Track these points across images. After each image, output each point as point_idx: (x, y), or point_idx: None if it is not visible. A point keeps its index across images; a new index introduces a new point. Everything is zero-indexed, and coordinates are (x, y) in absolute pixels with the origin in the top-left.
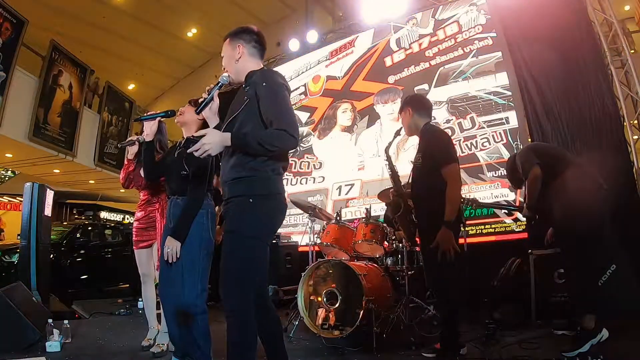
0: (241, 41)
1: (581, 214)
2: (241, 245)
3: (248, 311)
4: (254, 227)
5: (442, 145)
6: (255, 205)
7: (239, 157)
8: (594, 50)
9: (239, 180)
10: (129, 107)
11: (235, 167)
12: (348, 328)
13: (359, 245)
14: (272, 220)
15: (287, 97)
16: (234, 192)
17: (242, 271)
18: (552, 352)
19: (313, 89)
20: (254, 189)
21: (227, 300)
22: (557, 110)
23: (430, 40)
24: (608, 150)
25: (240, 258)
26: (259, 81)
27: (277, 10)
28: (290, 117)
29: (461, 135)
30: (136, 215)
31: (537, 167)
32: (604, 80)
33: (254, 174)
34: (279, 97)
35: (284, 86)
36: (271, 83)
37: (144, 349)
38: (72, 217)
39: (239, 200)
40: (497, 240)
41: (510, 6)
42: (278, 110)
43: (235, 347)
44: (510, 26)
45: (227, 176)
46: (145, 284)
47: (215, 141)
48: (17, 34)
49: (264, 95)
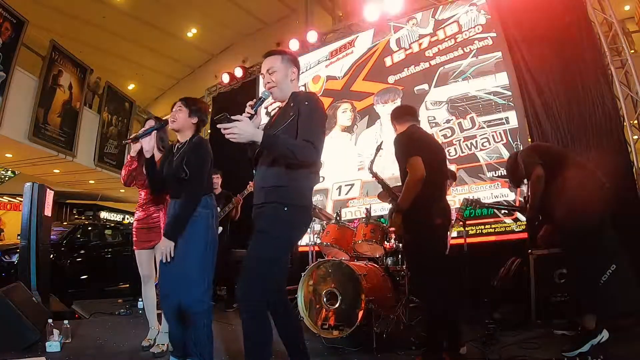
0: (294, 67)
1: (582, 214)
2: (269, 246)
3: (264, 309)
4: (284, 232)
5: (401, 148)
6: (289, 213)
7: (280, 167)
8: (594, 50)
9: (278, 188)
10: (129, 107)
11: (276, 175)
12: (348, 328)
13: (359, 245)
14: (300, 229)
15: (323, 119)
16: (270, 198)
17: (265, 271)
18: (552, 352)
19: (313, 89)
20: (291, 198)
21: (245, 297)
22: (557, 110)
23: (430, 40)
24: (608, 150)
25: (265, 258)
26: (303, 100)
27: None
28: (318, 134)
29: (461, 135)
30: (136, 215)
31: (540, 167)
32: (604, 80)
33: (293, 184)
34: (315, 115)
35: (323, 110)
36: (313, 103)
37: (144, 349)
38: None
39: (274, 206)
40: (497, 240)
41: (510, 6)
42: (310, 125)
43: (253, 344)
44: (510, 26)
45: (265, 182)
46: (146, 284)
47: (247, 131)
48: (17, 34)
49: (303, 112)
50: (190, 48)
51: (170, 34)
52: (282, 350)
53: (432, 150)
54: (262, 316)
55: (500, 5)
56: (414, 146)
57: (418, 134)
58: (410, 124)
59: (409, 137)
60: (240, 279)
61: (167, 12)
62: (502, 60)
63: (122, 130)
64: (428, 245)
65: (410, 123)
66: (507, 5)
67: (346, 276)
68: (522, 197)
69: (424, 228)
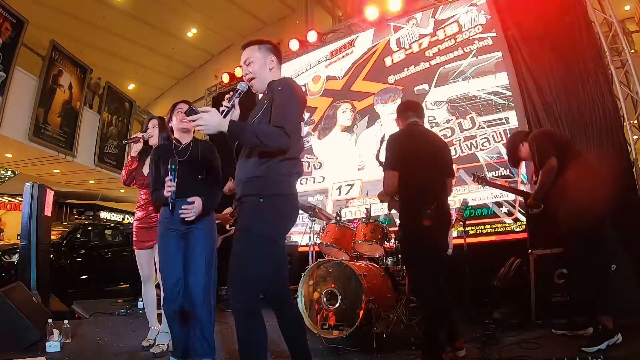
0: (273, 55)
1: (583, 214)
2: (250, 243)
3: (255, 309)
4: (263, 227)
5: (386, 154)
6: (266, 205)
7: (255, 157)
8: (594, 50)
9: (253, 179)
10: (129, 107)
11: (250, 166)
12: (348, 328)
13: (359, 245)
14: (282, 220)
15: (297, 103)
16: (246, 191)
17: (249, 269)
18: (552, 352)
19: (313, 89)
20: (266, 189)
21: (234, 298)
22: (557, 110)
23: (430, 40)
24: (608, 150)
25: (248, 256)
26: (277, 86)
27: (277, 10)
28: (291, 118)
29: (461, 135)
30: (136, 215)
31: (554, 159)
32: (604, 80)
33: (267, 174)
34: (290, 101)
35: (298, 94)
36: (286, 88)
37: (144, 349)
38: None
39: (250, 199)
40: (497, 240)
41: (510, 6)
42: (283, 110)
43: (246, 344)
44: (510, 26)
45: (241, 175)
46: (146, 284)
47: (212, 121)
48: (17, 34)
49: (276, 97)
50: (190, 48)
51: (170, 34)
52: (283, 350)
53: (427, 152)
54: (253, 316)
55: (500, 5)
56: (397, 157)
57: (411, 134)
58: (412, 121)
59: (398, 142)
60: (228, 280)
61: (167, 12)
62: (502, 60)
63: (122, 130)
64: (414, 245)
65: (412, 119)
66: (507, 5)
67: (346, 276)
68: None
69: (410, 229)
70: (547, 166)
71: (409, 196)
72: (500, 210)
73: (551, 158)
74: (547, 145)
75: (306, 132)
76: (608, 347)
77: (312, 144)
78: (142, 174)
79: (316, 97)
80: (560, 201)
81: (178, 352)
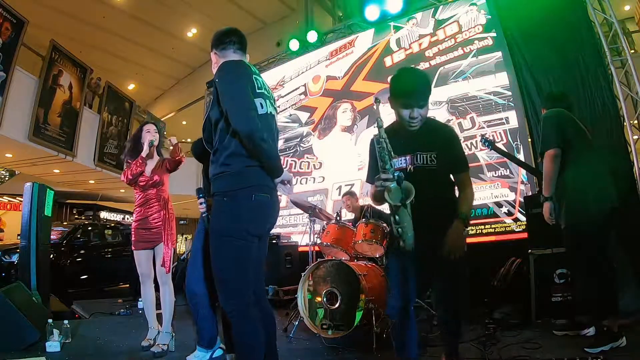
0: (213, 49)
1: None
2: (220, 245)
3: (246, 310)
4: (229, 226)
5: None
6: (232, 202)
7: (215, 154)
8: (594, 50)
9: (216, 177)
10: (129, 107)
11: (213, 164)
12: (348, 328)
13: (359, 245)
14: (250, 214)
15: (236, 84)
16: (213, 190)
17: (226, 271)
18: (552, 352)
19: (313, 89)
20: (227, 185)
21: (223, 303)
22: None
23: (430, 40)
24: (608, 150)
25: (222, 258)
26: (215, 78)
27: (277, 10)
28: (239, 102)
29: (461, 135)
30: (135, 215)
31: (553, 151)
32: (604, 80)
33: (226, 169)
34: (227, 87)
35: (233, 74)
36: (220, 77)
37: (144, 349)
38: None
39: (215, 199)
40: (497, 240)
41: (510, 6)
42: (229, 99)
43: (242, 346)
44: (510, 26)
45: (210, 174)
46: (145, 284)
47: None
48: (17, 34)
49: (219, 90)
50: (190, 48)
51: (170, 34)
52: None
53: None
54: (246, 318)
55: (500, 5)
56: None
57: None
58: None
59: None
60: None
61: (167, 12)
62: (502, 60)
63: (122, 130)
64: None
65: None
66: (507, 5)
67: (346, 276)
68: (522, 197)
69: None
70: (545, 158)
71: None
72: (500, 210)
73: (551, 149)
74: (553, 133)
75: (306, 132)
76: (612, 349)
77: (312, 144)
78: (142, 174)
79: (316, 97)
80: (563, 202)
81: (203, 342)
